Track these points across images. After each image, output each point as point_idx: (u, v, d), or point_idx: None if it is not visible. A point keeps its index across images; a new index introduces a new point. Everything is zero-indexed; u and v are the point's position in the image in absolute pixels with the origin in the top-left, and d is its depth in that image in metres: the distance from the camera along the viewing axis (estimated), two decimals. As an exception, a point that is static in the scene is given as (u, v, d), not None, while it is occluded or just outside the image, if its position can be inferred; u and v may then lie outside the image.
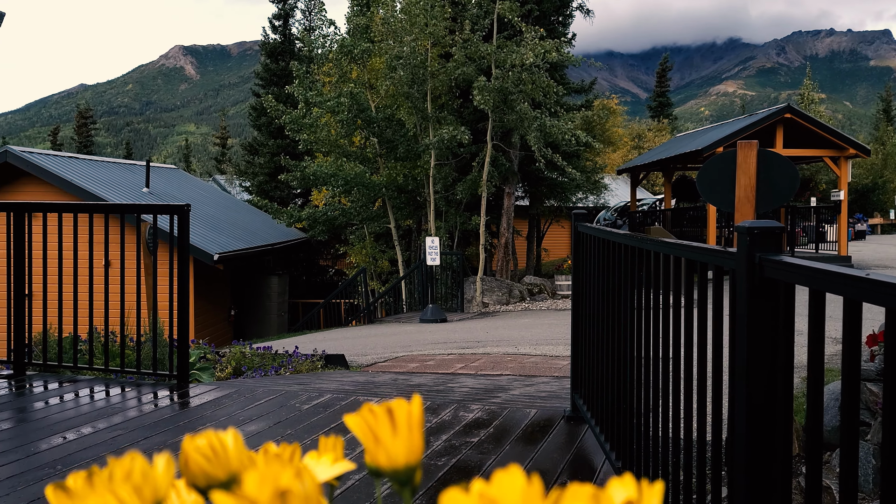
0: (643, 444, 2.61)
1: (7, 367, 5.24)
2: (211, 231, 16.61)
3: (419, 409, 0.43)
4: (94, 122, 74.71)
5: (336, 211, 20.47)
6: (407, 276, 18.10)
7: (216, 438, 0.42)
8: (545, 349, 8.92)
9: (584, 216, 3.94)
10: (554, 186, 23.15)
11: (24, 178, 14.90)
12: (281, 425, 3.97)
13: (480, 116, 19.27)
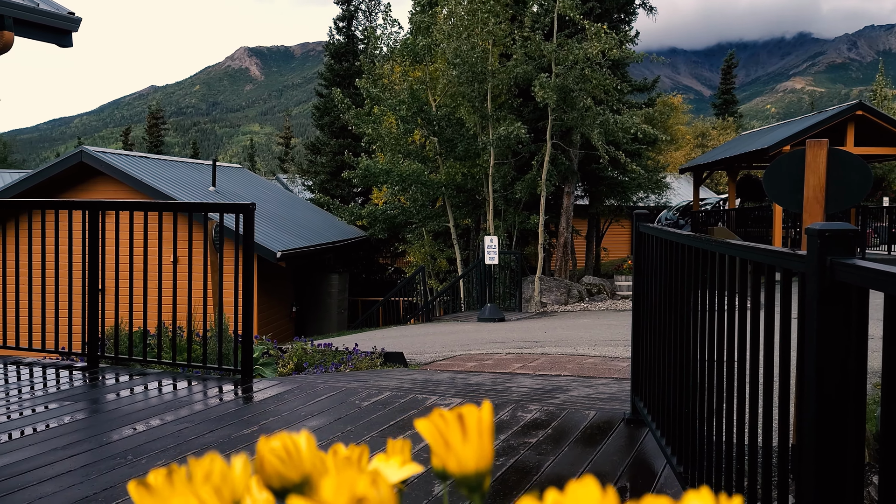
0: (706, 450, 2.56)
1: (82, 359, 5.44)
2: (274, 229, 16.92)
3: (490, 416, 0.43)
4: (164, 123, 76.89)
5: (395, 209, 20.63)
6: (465, 274, 18.12)
7: (290, 440, 0.43)
8: (604, 350, 8.82)
9: (646, 216, 3.89)
10: (614, 185, 22.87)
11: (98, 177, 15.42)
12: (341, 421, 4.03)
13: (540, 115, 19.17)
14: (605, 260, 28.31)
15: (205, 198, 16.75)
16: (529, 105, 19.79)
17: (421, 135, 19.74)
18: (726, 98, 53.66)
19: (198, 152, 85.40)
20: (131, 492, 0.44)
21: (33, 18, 4.98)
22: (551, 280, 19.09)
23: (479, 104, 18.17)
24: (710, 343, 2.55)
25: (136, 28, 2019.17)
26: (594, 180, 22.69)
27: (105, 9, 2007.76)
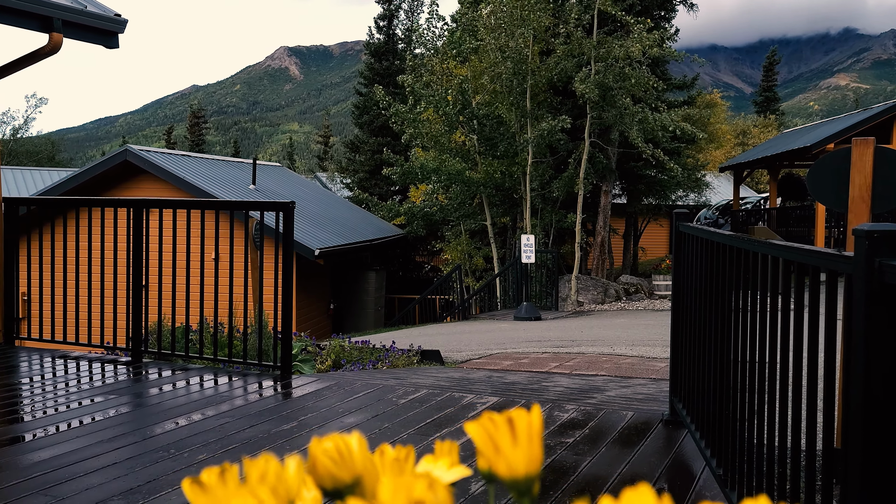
0: (746, 452, 2.53)
1: (126, 354, 5.55)
2: (312, 227, 17.08)
3: (539, 420, 0.44)
4: (205, 122, 78.02)
5: (433, 207, 20.67)
6: (502, 273, 18.09)
7: (342, 441, 0.44)
8: (642, 350, 8.75)
9: (686, 215, 3.85)
10: (653, 184, 22.64)
11: (142, 175, 15.71)
12: (378, 419, 4.05)
13: (578, 114, 19.06)
14: (642, 259, 28.04)
15: (245, 196, 16.97)
16: (567, 103, 19.68)
17: (462, 133, 19.75)
18: (768, 95, 52.77)
19: (238, 151, 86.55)
20: (185, 489, 0.45)
21: (81, 20, 5.09)
22: (588, 279, 18.97)
23: (519, 101, 18.13)
24: (752, 344, 2.52)
25: (178, 29, 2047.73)
26: (632, 179, 22.48)
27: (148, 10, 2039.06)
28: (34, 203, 6.94)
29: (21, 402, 4.45)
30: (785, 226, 20.65)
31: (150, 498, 2.90)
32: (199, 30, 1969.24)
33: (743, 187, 29.23)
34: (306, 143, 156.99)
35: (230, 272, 5.06)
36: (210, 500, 0.43)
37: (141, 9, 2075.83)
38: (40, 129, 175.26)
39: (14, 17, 4.81)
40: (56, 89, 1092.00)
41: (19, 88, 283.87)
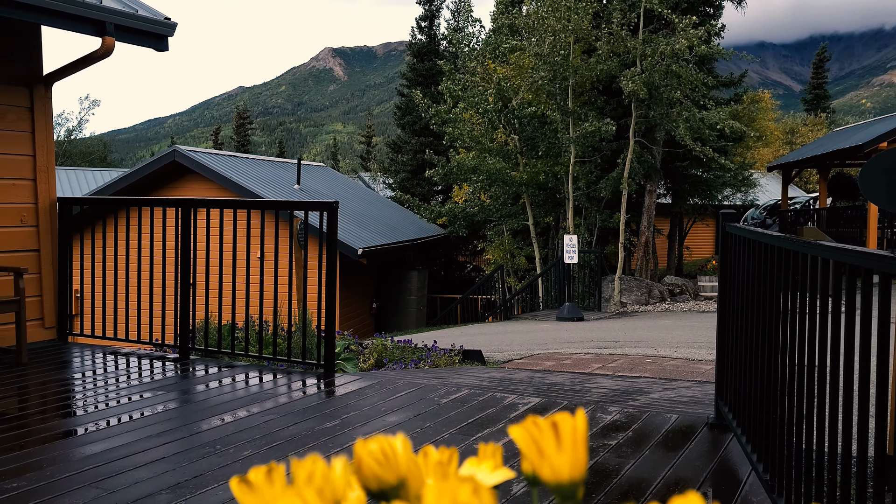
0: (795, 457, 2.48)
1: (174, 350, 5.66)
2: (355, 226, 17.21)
3: (584, 424, 0.44)
4: (251, 123, 79.12)
5: (475, 207, 20.67)
6: (544, 273, 18.01)
7: (387, 443, 0.44)
8: (687, 352, 8.63)
9: (733, 216, 3.78)
10: (698, 183, 22.31)
11: (189, 174, 16.01)
12: (420, 418, 4.07)
13: (623, 113, 18.88)
14: (687, 260, 27.65)
15: (290, 195, 17.16)
16: (612, 102, 19.50)
17: (503, 133, 19.72)
18: (817, 93, 51.63)
19: (283, 151, 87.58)
20: (233, 488, 0.46)
21: (133, 24, 5.21)
22: (632, 280, 18.77)
23: (562, 101, 18.02)
24: (801, 347, 2.47)
25: (225, 31, 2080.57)
26: (677, 178, 22.18)
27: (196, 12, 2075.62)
28: (87, 203, 7.12)
29: (74, 397, 4.57)
30: (835, 226, 20.18)
31: (196, 493, 2.96)
32: (246, 32, 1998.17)
33: (791, 187, 28.65)
34: (350, 144, 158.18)
35: (275, 271, 5.12)
36: (257, 499, 0.44)
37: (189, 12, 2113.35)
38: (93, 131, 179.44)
39: (69, 22, 4.94)
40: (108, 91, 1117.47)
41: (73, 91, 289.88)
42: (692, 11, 20.05)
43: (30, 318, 5.74)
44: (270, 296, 5.19)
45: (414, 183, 28.65)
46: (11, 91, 5.63)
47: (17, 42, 5.67)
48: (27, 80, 5.74)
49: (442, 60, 22.45)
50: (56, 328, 6.03)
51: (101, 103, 47.93)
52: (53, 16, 4.87)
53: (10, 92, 5.62)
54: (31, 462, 3.31)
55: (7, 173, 5.66)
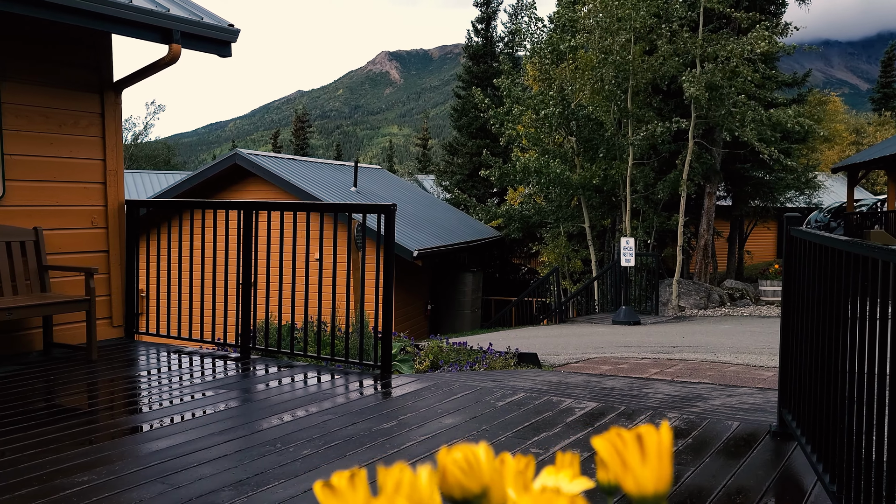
0: (864, 468, 2.42)
1: (235, 350, 5.79)
2: (411, 228, 17.31)
3: (669, 439, 0.44)
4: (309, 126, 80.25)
5: (531, 209, 20.58)
6: (600, 276, 17.83)
7: (471, 452, 0.45)
8: (747, 358, 8.45)
9: (797, 219, 3.70)
10: (760, 185, 21.79)
11: (250, 177, 16.33)
12: (476, 420, 4.08)
13: (682, 113, 18.57)
14: (748, 263, 27.04)
15: (347, 198, 17.37)
16: (670, 103, 19.21)
17: (561, 134, 19.60)
18: (886, 92, 49.94)
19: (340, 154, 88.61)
20: (317, 492, 0.47)
21: (198, 32, 5.36)
22: (690, 283, 18.45)
23: (621, 102, 17.83)
24: (871, 354, 2.40)
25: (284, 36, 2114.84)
26: (738, 180, 21.72)
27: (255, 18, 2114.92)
28: (153, 205, 7.33)
29: (140, 394, 4.71)
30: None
31: (257, 490, 3.02)
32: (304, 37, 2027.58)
33: (858, 189, 27.75)
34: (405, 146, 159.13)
35: (333, 272, 5.20)
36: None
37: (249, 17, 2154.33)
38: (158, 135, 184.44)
39: (138, 30, 5.11)
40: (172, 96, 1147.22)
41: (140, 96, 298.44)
42: (754, 9, 19.63)
43: (99, 316, 5.94)
44: (328, 297, 5.26)
45: (469, 185, 28.69)
46: (84, 98, 5.83)
47: (89, 51, 5.88)
48: (99, 86, 5.95)
49: (498, 62, 22.47)
50: (123, 327, 6.23)
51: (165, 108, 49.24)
52: (124, 25, 5.04)
53: (83, 98, 5.83)
54: (100, 457, 3.43)
55: (79, 177, 5.87)
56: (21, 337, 5.64)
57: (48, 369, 5.21)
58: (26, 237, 5.53)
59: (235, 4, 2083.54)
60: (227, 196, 16.27)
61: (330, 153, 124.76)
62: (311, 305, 5.38)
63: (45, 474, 3.19)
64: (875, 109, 48.87)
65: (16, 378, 4.94)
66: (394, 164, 77.49)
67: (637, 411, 4.33)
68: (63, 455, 3.44)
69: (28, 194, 5.59)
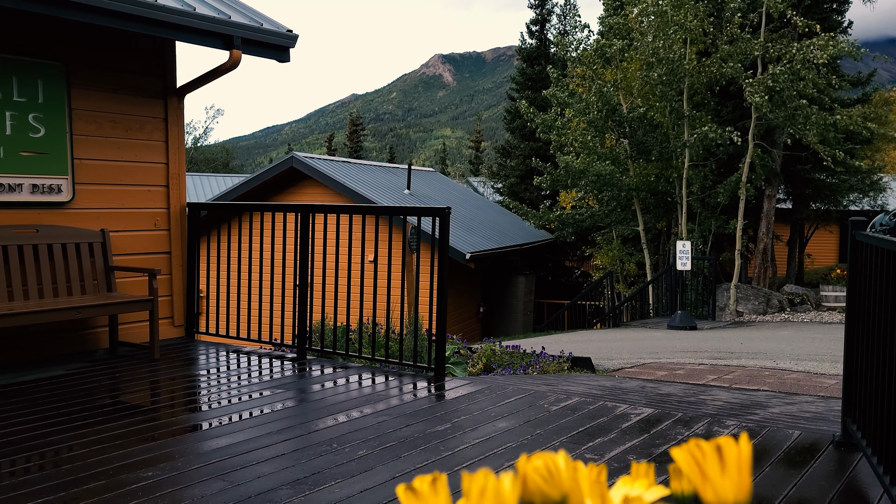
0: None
1: (291, 350, 5.89)
2: (463, 231, 17.34)
3: (748, 450, 0.44)
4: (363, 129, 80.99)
5: (584, 213, 20.42)
6: (655, 280, 17.58)
7: (550, 460, 0.46)
8: (808, 365, 8.24)
9: (862, 223, 3.60)
10: (821, 188, 21.22)
11: (305, 180, 16.57)
12: (530, 424, 4.07)
13: (741, 115, 18.21)
14: (809, 268, 26.34)
15: (400, 200, 17.49)
16: (728, 104, 18.86)
17: (611, 138, 19.40)
18: (957, 90, 48.09)
19: (394, 156, 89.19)
20: (400, 495, 0.49)
21: (258, 37, 5.47)
22: (748, 288, 18.07)
23: (676, 104, 17.57)
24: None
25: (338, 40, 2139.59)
26: (798, 182, 21.19)
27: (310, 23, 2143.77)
28: (213, 208, 7.50)
29: (200, 392, 4.83)
30: (977, 234, 18.75)
31: (315, 489, 3.07)
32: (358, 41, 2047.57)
33: (926, 191, 26.77)
34: (458, 149, 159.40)
35: (388, 275, 5.24)
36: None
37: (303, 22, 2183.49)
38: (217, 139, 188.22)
39: (200, 37, 5.25)
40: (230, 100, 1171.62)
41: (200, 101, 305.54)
42: (816, 9, 19.15)
43: (161, 316, 6.11)
44: (383, 299, 5.32)
45: (522, 188, 28.58)
46: (149, 103, 6.01)
47: (154, 57, 6.05)
48: (163, 92, 6.12)
49: (550, 66, 22.37)
50: (185, 326, 6.39)
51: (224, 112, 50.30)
52: (187, 32, 5.18)
53: (148, 104, 6.01)
54: (163, 453, 3.52)
55: (144, 180, 6.05)
56: (88, 335, 5.83)
57: (113, 367, 5.38)
58: (94, 239, 5.72)
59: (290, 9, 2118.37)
60: (284, 198, 16.53)
61: (383, 156, 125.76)
62: (366, 307, 5.44)
63: (111, 469, 3.29)
64: (944, 109, 47.10)
65: (83, 375, 5.12)
66: (446, 167, 77.71)
67: (694, 418, 4.26)
68: (127, 451, 3.54)
69: (96, 197, 5.78)
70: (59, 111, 5.50)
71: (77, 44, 5.60)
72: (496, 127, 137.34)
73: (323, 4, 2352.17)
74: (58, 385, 4.83)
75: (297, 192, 16.59)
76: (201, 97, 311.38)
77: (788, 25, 18.42)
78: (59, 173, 5.54)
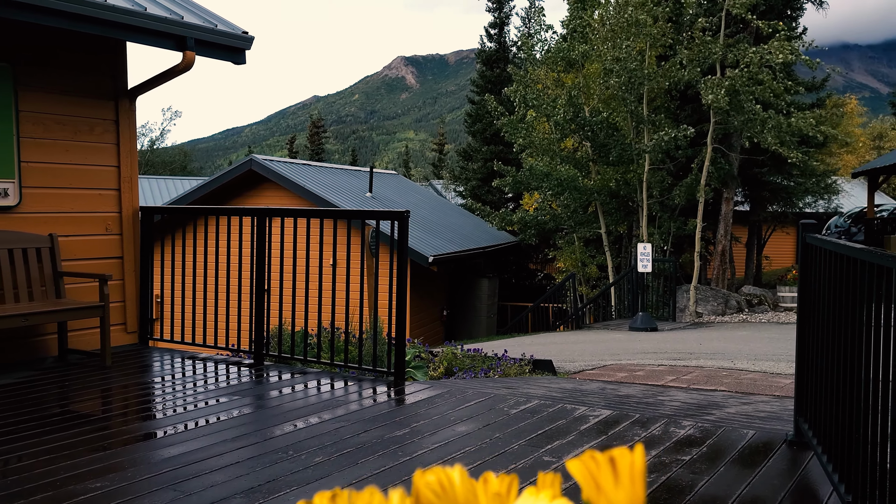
0: (879, 478, 2.38)
1: (249, 356, 5.80)
2: (426, 234, 17.31)
3: (642, 461, 0.43)
4: (325, 131, 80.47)
5: (546, 215, 20.54)
6: (616, 282, 17.74)
7: (444, 475, 0.44)
8: (765, 365, 8.36)
9: (813, 226, 3.66)
10: (778, 190, 21.64)
11: (265, 183, 16.40)
12: (489, 428, 4.06)
13: (699, 118, 18.48)
14: (767, 269, 26.83)
15: (362, 203, 17.40)
16: (687, 108, 19.12)
17: (573, 140, 19.54)
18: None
19: (356, 159, 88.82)
20: None
21: (212, 39, 5.39)
22: (707, 289, 18.32)
23: (635, 108, 17.75)
24: (885, 364, 2.36)
25: (299, 42, 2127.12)
26: (756, 185, 21.58)
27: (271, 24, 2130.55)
28: (167, 211, 7.37)
29: (154, 400, 4.73)
30: (926, 235, 19.26)
31: (269, 498, 3.02)
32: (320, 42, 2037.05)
33: (878, 194, 27.45)
34: (421, 151, 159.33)
35: (347, 279, 5.20)
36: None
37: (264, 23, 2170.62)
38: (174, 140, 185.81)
39: (153, 38, 5.15)
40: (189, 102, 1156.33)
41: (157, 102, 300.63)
42: (771, 15, 19.50)
43: (113, 322, 5.97)
44: (342, 303, 5.26)
45: (485, 190, 28.66)
46: (99, 105, 5.88)
47: (104, 58, 5.93)
48: (114, 93, 5.99)
49: (512, 65, 22.47)
50: (138, 333, 6.26)
51: (182, 114, 49.57)
52: (138, 33, 5.08)
53: (98, 106, 5.88)
54: (113, 463, 3.44)
55: (94, 184, 5.92)
56: (37, 343, 5.68)
57: (63, 375, 5.25)
58: (42, 244, 5.57)
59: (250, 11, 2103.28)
60: (243, 201, 16.34)
61: (346, 158, 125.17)
62: (326, 312, 5.38)
63: (59, 480, 3.20)
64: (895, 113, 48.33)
65: (32, 383, 4.98)
66: (410, 170, 77.58)
67: (652, 419, 4.29)
68: (76, 461, 3.45)
69: (44, 201, 5.64)
70: (5, 113, 5.35)
71: (24, 44, 5.46)
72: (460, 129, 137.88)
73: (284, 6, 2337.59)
74: (4, 394, 4.69)
75: (256, 195, 16.42)
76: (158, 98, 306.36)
77: (746, 30, 18.73)
78: (6, 177, 5.39)
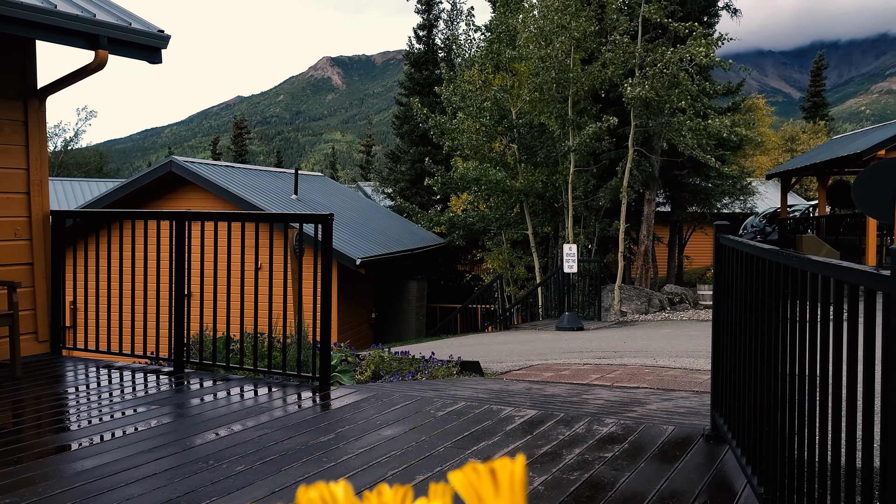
0: (788, 470, 2.47)
1: (169, 364, 5.64)
2: (354, 236, 17.19)
3: (522, 471, 0.43)
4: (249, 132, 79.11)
5: (475, 216, 20.68)
6: (544, 282, 17.99)
7: (327, 490, 0.43)
8: (685, 362, 8.61)
9: (727, 227, 3.78)
10: (697, 192, 22.34)
11: (186, 185, 16.00)
12: (416, 431, 4.05)
13: (621, 122, 18.93)
14: (687, 268, 27.65)
15: (287, 206, 17.16)
16: (609, 111, 19.56)
17: (501, 142, 19.74)
18: (816, 101, 51.75)
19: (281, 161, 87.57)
20: None
21: (126, 37, 5.22)
22: (631, 289, 18.76)
23: (561, 110, 18.05)
24: (792, 360, 2.46)
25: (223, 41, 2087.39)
26: (676, 187, 22.22)
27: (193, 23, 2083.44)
28: (80, 216, 7.11)
29: (68, 412, 4.55)
30: (835, 234, 20.18)
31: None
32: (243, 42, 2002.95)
33: (791, 195, 28.66)
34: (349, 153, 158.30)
35: (270, 283, 5.11)
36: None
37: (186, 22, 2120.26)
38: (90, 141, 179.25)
39: (63, 36, 4.95)
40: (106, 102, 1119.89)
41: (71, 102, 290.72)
42: (689, 20, 20.11)
43: (23, 331, 5.72)
44: (266, 308, 5.17)
45: (413, 192, 28.68)
46: (6, 105, 5.63)
47: (11, 57, 5.68)
48: (22, 93, 5.75)
49: (443, 63, 22.57)
50: (50, 342, 6.01)
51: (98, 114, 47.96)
52: (47, 30, 4.88)
53: (5, 106, 5.62)
54: (25, 477, 3.29)
55: (1, 187, 5.66)
56: (-60, 354, 5.40)
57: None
58: (-54, 250, 5.30)
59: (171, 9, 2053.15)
60: (163, 205, 15.90)
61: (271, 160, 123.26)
62: (248, 317, 5.28)
63: (-38, 499, 3.05)
64: (807, 118, 50.52)
65: (-66, 398, 4.73)
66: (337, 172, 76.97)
67: (576, 418, 4.36)
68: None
69: (-53, 205, 5.37)
70: None
71: (-76, 40, 5.19)
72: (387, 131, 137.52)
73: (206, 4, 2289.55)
74: None
75: (177, 197, 16.00)
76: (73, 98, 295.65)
77: (665, 36, 19.26)
78: None
